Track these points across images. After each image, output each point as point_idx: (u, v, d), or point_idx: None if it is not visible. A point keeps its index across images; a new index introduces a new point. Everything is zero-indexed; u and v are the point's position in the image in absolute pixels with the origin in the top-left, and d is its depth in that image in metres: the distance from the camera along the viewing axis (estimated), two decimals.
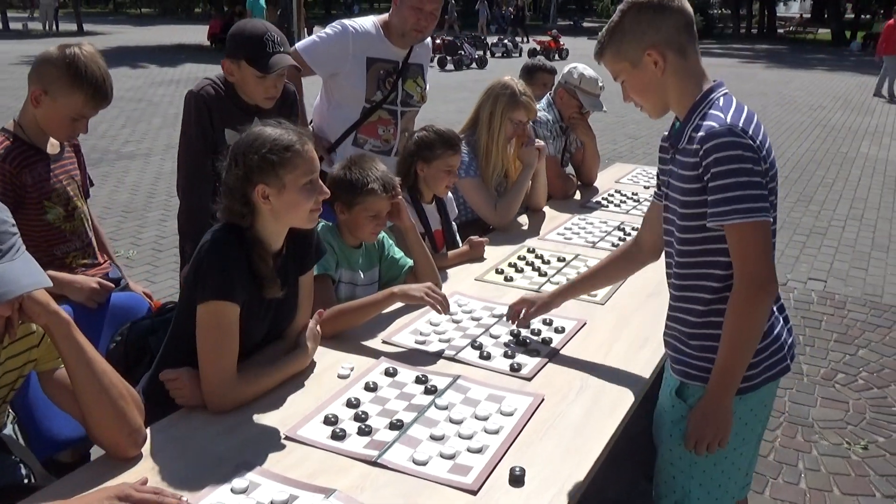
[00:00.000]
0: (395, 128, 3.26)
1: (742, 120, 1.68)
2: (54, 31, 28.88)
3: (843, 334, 4.53)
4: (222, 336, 1.84)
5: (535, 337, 2.30)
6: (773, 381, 1.86)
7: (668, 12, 1.76)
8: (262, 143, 1.84)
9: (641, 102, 1.87)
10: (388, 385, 1.99)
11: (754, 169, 1.64)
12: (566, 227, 3.41)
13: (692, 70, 1.79)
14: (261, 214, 1.90)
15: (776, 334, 1.83)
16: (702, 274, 1.81)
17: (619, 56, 1.81)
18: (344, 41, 3.11)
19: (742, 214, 1.64)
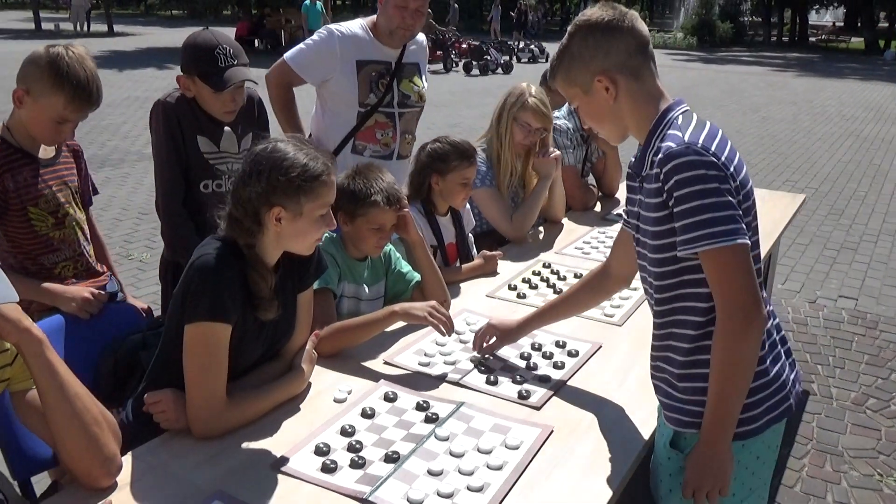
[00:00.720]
0: (394, 131, 3.14)
1: (702, 136, 1.54)
2: (85, 32, 29.20)
3: (874, 356, 4.33)
4: (211, 358, 1.72)
5: (546, 361, 2.16)
6: (777, 422, 1.68)
7: (619, 34, 1.63)
8: (291, 166, 1.75)
9: (598, 129, 1.77)
10: (386, 411, 1.87)
11: (721, 188, 1.49)
12: (584, 240, 3.26)
13: (648, 92, 1.66)
14: (265, 234, 1.80)
15: (776, 372, 1.66)
16: (683, 308, 1.63)
17: (569, 82, 1.70)
18: (331, 46, 3.00)
19: (714, 239, 1.48)
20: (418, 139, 8.11)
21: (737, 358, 1.53)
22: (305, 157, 1.78)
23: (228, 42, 2.47)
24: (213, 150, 2.59)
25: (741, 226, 1.50)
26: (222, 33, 2.51)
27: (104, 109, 11.98)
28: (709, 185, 1.49)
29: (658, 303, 1.69)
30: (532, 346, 2.24)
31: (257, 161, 1.77)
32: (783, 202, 3.94)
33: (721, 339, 1.54)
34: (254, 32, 23.50)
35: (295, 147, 1.80)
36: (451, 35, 20.83)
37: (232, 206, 1.80)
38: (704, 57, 26.43)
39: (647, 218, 1.64)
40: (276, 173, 1.74)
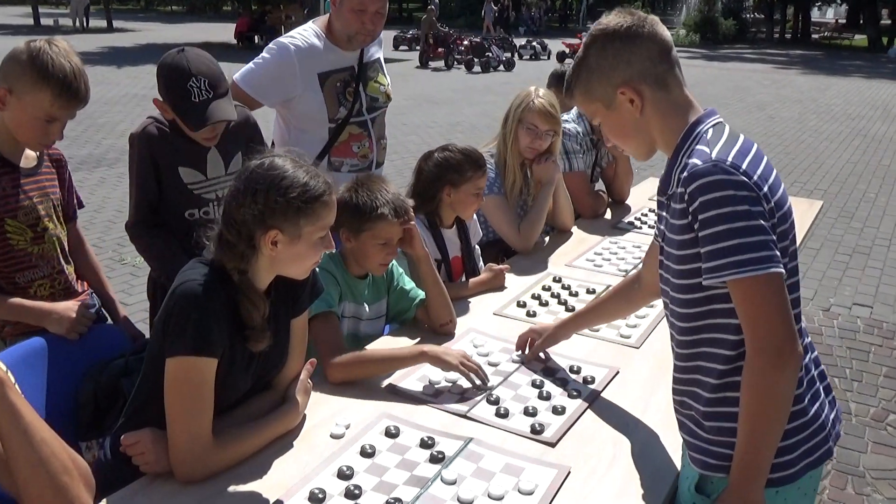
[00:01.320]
0: (369, 140, 2.93)
1: (733, 153, 1.39)
2: (85, 28, 29.01)
3: (893, 368, 4.17)
4: (194, 395, 1.57)
5: (560, 388, 2.01)
6: (815, 467, 1.51)
7: (639, 41, 1.50)
8: (290, 186, 1.60)
9: (623, 146, 1.62)
10: (387, 449, 1.71)
11: (752, 211, 1.34)
12: (596, 251, 3.11)
13: (675, 102, 1.53)
14: (258, 257, 1.65)
15: (815, 411, 1.49)
16: (710, 340, 1.48)
17: (589, 97, 1.57)
18: (287, 62, 2.73)
19: (743, 268, 1.34)
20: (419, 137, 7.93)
21: (769, 399, 1.38)
22: (305, 176, 1.63)
23: (205, 71, 2.17)
24: (198, 180, 2.37)
25: (774, 253, 1.35)
26: (198, 57, 2.20)
27: (101, 107, 11.86)
28: (738, 208, 1.35)
29: (682, 332, 1.53)
30: (545, 371, 2.09)
31: (253, 179, 1.62)
32: (800, 209, 3.77)
33: (751, 378, 1.39)
34: (254, 28, 23.30)
35: (294, 164, 1.64)
36: (433, 33, 20.55)
37: (224, 228, 1.64)
38: (707, 54, 26.22)
39: (671, 240, 1.49)
40: (274, 193, 1.59)
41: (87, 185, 7.34)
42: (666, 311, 1.61)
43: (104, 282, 2.40)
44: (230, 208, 1.63)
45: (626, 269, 2.89)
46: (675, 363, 1.58)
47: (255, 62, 2.79)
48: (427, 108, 12.56)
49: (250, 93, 2.74)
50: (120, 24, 30.89)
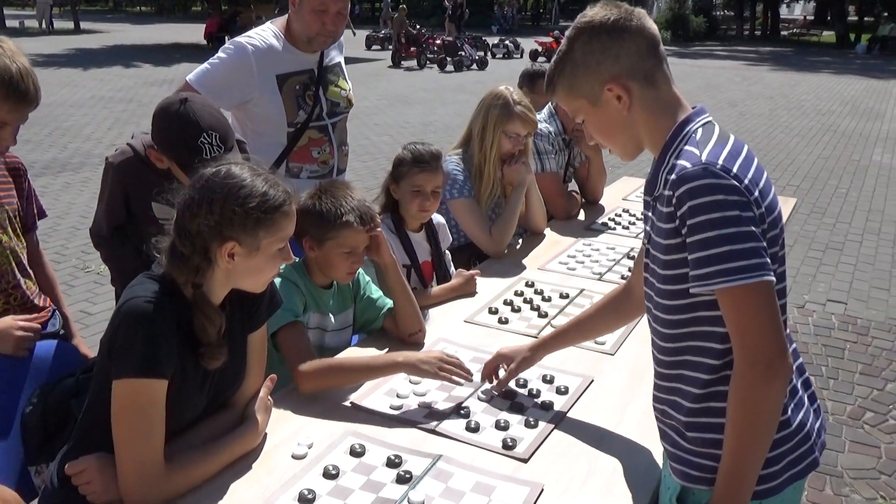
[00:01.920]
0: (330, 145, 2.82)
1: (723, 155, 1.34)
2: (51, 29, 28.53)
3: (868, 365, 4.16)
4: (143, 418, 1.47)
5: (533, 400, 1.94)
6: (800, 478, 1.46)
7: (627, 35, 1.44)
8: (248, 196, 1.52)
9: (608, 145, 1.55)
10: (352, 469, 1.63)
11: (742, 216, 1.29)
12: (569, 254, 3.04)
13: (664, 100, 1.47)
14: (213, 270, 1.56)
15: (800, 421, 1.44)
16: (695, 348, 1.42)
17: (574, 93, 1.49)
18: (244, 63, 2.63)
19: (732, 276, 1.28)
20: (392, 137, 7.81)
21: (757, 411, 1.32)
22: (265, 185, 1.55)
23: (215, 125, 2.03)
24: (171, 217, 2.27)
25: (765, 260, 1.29)
26: (206, 109, 2.05)
27: (66, 110, 11.63)
28: (728, 213, 1.29)
29: (665, 339, 1.47)
30: (517, 382, 2.01)
31: (209, 188, 1.53)
32: None
33: (739, 390, 1.33)
34: (224, 29, 23.01)
35: (252, 172, 1.56)
36: (405, 32, 20.41)
37: (177, 239, 1.54)
38: (679, 51, 26.37)
39: (657, 244, 1.43)
40: (232, 203, 1.51)
41: (51, 191, 7.17)
42: (648, 317, 1.54)
43: (59, 298, 2.29)
44: (184, 218, 1.54)
45: (599, 272, 2.83)
46: (657, 370, 1.52)
47: (210, 62, 2.68)
48: (400, 108, 12.46)
49: (205, 94, 2.60)
50: (87, 26, 30.45)
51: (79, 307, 4.59)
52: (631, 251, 3.06)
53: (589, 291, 2.64)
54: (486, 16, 35.42)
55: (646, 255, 1.51)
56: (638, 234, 3.31)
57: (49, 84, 14.42)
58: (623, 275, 2.81)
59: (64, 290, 4.82)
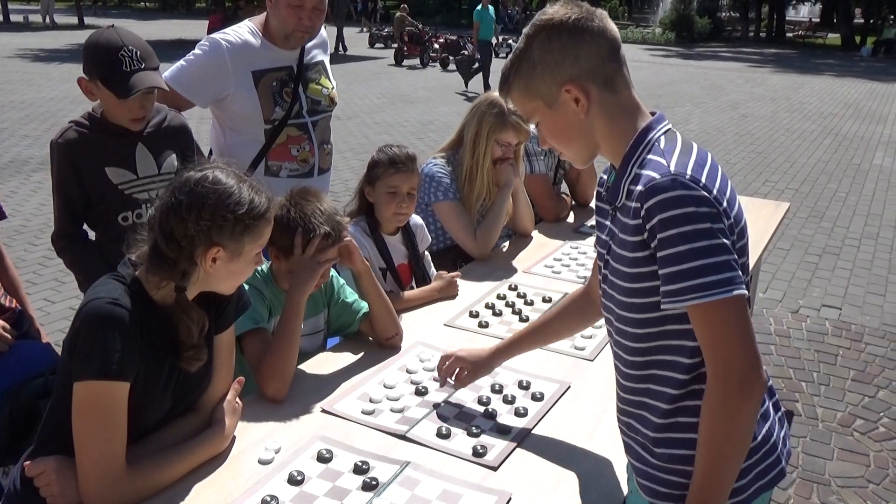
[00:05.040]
0: (310, 143, 2.78)
1: (690, 165, 1.29)
2: (54, 24, 28.57)
3: (861, 372, 4.13)
4: (104, 421, 1.45)
5: (507, 406, 1.91)
6: (767, 489, 1.43)
7: (588, 36, 1.38)
8: (237, 203, 1.53)
9: (562, 149, 1.49)
10: (318, 475, 1.60)
11: (713, 228, 1.25)
12: (555, 257, 3.01)
13: (623, 105, 1.42)
14: (195, 275, 1.56)
15: (766, 431, 1.41)
16: (662, 362, 1.38)
17: (530, 93, 1.43)
18: (219, 59, 2.61)
19: (705, 291, 1.24)
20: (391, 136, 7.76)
21: (731, 427, 1.28)
22: (251, 192, 1.57)
23: (136, 43, 2.14)
24: (129, 179, 2.26)
25: (737, 273, 1.25)
26: (129, 33, 2.19)
27: (67, 105, 11.63)
28: (699, 226, 1.24)
29: (631, 353, 1.43)
30: (492, 387, 1.99)
31: (199, 194, 1.52)
32: (767, 211, 3.72)
33: (713, 405, 1.28)
34: (226, 25, 22.93)
35: (237, 179, 1.57)
36: (406, 30, 20.32)
37: (163, 243, 1.53)
38: (682, 52, 26.32)
39: (620, 256, 1.38)
40: (223, 210, 1.51)
41: (46, 187, 7.13)
42: (609, 328, 1.50)
43: (24, 299, 2.27)
44: (170, 222, 1.52)
45: (585, 276, 2.81)
46: (621, 383, 1.48)
47: (185, 59, 2.66)
48: (400, 107, 12.43)
49: (181, 91, 2.61)
50: (91, 21, 30.41)
51: (70, 304, 4.58)
52: None
53: None
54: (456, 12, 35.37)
55: (605, 265, 1.46)
56: None
57: (50, 79, 14.45)
58: None
59: (54, 286, 4.86)
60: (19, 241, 5.71)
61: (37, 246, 5.63)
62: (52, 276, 5.03)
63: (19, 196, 6.88)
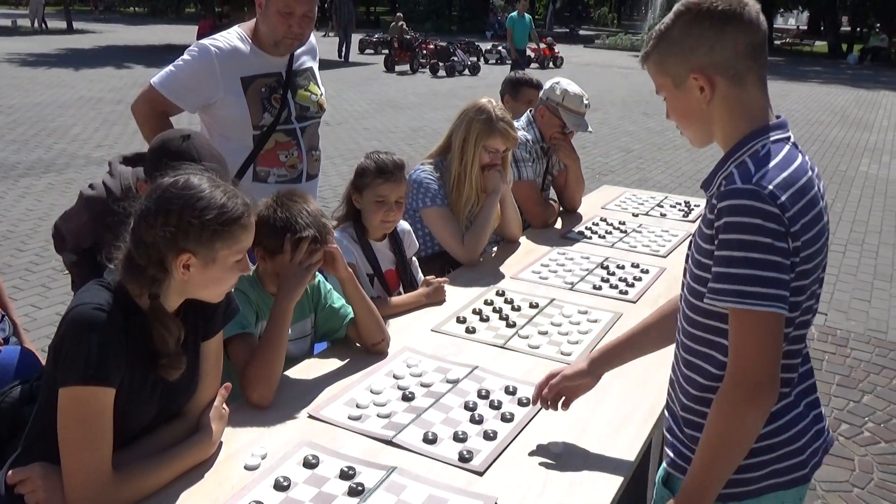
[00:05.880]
0: (298, 149, 2.79)
1: (777, 181, 1.34)
2: (43, 29, 28.44)
3: (846, 377, 4.16)
4: (89, 428, 1.45)
5: (494, 411, 1.92)
6: (784, 489, 1.47)
7: (732, 27, 1.40)
8: (206, 207, 1.50)
9: (681, 128, 1.56)
10: (304, 481, 1.61)
11: (774, 245, 1.30)
12: (543, 263, 3.03)
13: (747, 103, 1.44)
14: (169, 282, 1.55)
15: (793, 435, 1.46)
16: (702, 353, 1.47)
17: (662, 70, 1.49)
18: (207, 65, 2.61)
19: (744, 299, 1.31)
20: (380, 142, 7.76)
21: (734, 430, 1.36)
22: (223, 196, 1.54)
23: (213, 159, 2.03)
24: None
25: (782, 293, 1.31)
26: (205, 143, 2.08)
27: (55, 110, 11.58)
28: (761, 239, 1.30)
29: (684, 334, 1.53)
30: (479, 393, 2.00)
31: (166, 199, 1.51)
32: None
33: (723, 405, 1.37)
34: (216, 30, 22.92)
35: (210, 183, 1.55)
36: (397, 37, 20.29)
37: (133, 250, 1.53)
38: None
39: (697, 242, 1.46)
40: (189, 214, 1.50)
41: (34, 192, 7.14)
42: (680, 305, 1.56)
43: (7, 304, 2.27)
44: (140, 229, 1.52)
45: (572, 282, 2.82)
46: (676, 352, 1.57)
47: (174, 65, 2.66)
48: (390, 113, 12.44)
49: (169, 97, 2.62)
50: (80, 26, 30.34)
51: (56, 310, 4.56)
52: (605, 261, 3.05)
53: (559, 301, 2.63)
54: (480, 21, 35.49)
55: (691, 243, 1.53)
56: (614, 243, 3.30)
57: (38, 84, 14.38)
58: (595, 284, 2.80)
59: (40, 292, 4.84)
60: (6, 247, 5.68)
61: (23, 252, 5.61)
62: (39, 283, 5.01)
63: (6, 202, 6.84)
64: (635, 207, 3.90)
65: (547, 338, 2.35)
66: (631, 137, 11.25)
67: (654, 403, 1.98)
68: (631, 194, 4.19)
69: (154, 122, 2.69)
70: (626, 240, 3.35)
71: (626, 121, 12.85)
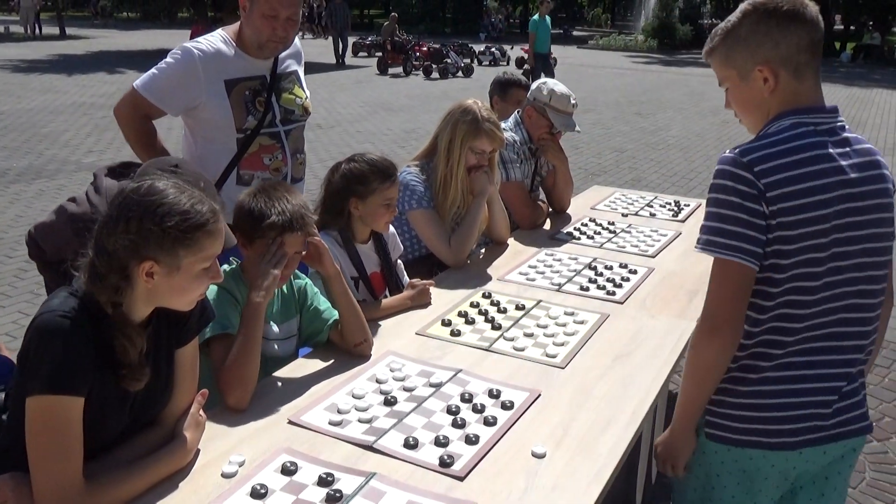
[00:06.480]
0: (283, 153, 2.77)
1: (762, 153, 1.54)
2: (36, 35, 28.37)
3: None
4: (58, 436, 1.43)
5: (476, 415, 1.90)
6: (769, 450, 1.62)
7: (795, 25, 1.58)
8: (167, 213, 1.46)
9: (741, 116, 1.73)
10: (281, 488, 1.58)
11: (744, 205, 1.52)
12: (530, 264, 3.01)
13: (800, 93, 1.61)
14: (133, 289, 1.51)
15: (784, 403, 1.60)
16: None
17: (728, 63, 1.66)
18: (190, 68, 2.59)
19: (710, 247, 1.56)
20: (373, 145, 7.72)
21: (696, 360, 1.62)
22: (188, 202, 1.50)
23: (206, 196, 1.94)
24: None
25: (745, 246, 1.51)
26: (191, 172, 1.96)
27: (46, 116, 11.53)
28: (730, 198, 1.53)
29: None
30: (462, 396, 1.98)
31: (126, 205, 1.48)
32: None
33: (693, 336, 1.64)
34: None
35: (176, 188, 1.51)
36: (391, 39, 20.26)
37: (95, 257, 1.50)
38: (664, 59, 26.48)
39: None
40: (149, 221, 1.46)
41: (24, 198, 7.09)
42: None
43: None
44: (101, 236, 1.49)
45: (559, 283, 2.80)
46: None
47: (157, 67, 2.63)
48: (383, 116, 12.41)
49: (152, 100, 2.60)
50: (73, 32, 30.24)
51: None
52: (593, 261, 3.03)
53: (546, 303, 2.61)
54: (474, 23, 35.48)
55: None
56: (603, 244, 3.28)
57: (30, 90, 14.33)
58: (583, 286, 2.78)
59: (29, 298, 4.80)
60: None
61: (12, 258, 5.57)
62: (28, 289, 4.98)
63: None
64: (625, 207, 3.88)
65: (532, 340, 2.33)
66: (624, 137, 11.23)
67: (637, 406, 1.96)
68: (621, 194, 4.17)
69: (137, 125, 2.67)
70: (614, 240, 3.33)
71: (620, 121, 12.83)
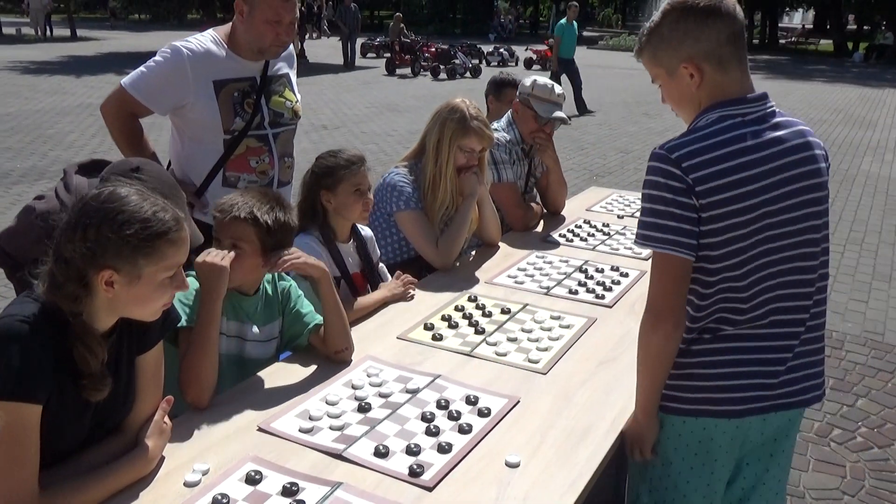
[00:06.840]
0: (270, 155, 2.73)
1: (690, 149, 1.59)
2: (47, 37, 28.54)
3: (840, 380, 4.07)
4: (13, 444, 1.39)
5: (451, 422, 1.85)
6: (717, 417, 1.72)
7: (713, 20, 1.63)
8: (126, 221, 1.43)
9: (677, 112, 1.79)
10: (243, 498, 1.54)
11: (675, 199, 1.58)
12: (520, 267, 2.95)
13: (730, 85, 1.67)
14: (94, 298, 1.47)
15: (721, 373, 1.71)
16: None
17: (655, 62, 1.73)
18: (179, 67, 2.56)
19: (647, 241, 1.63)
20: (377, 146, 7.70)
21: (643, 348, 1.71)
22: (150, 209, 1.46)
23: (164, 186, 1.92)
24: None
25: (681, 239, 1.58)
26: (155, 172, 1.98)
27: (52, 118, 11.57)
28: (661, 193, 1.59)
29: None
30: (438, 403, 1.93)
31: (85, 212, 1.45)
32: None
33: (639, 329, 1.71)
34: None
35: (139, 195, 1.47)
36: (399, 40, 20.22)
37: (54, 265, 1.46)
38: None
39: None
40: (107, 229, 1.42)
41: (25, 199, 7.04)
42: None
43: None
44: (59, 243, 1.45)
45: (547, 286, 2.75)
46: None
47: (145, 66, 2.61)
48: (388, 116, 12.39)
49: (140, 99, 2.57)
50: (84, 33, 30.39)
51: None
52: (584, 264, 2.97)
53: (532, 306, 2.55)
54: (484, 24, 35.44)
55: None
56: (595, 246, 3.23)
57: (38, 91, 14.39)
58: (572, 289, 2.72)
59: None
60: None
61: None
62: None
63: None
64: (621, 209, 3.82)
65: (515, 344, 2.28)
66: (631, 138, 11.15)
67: (618, 415, 1.90)
68: (618, 195, 4.11)
69: (123, 123, 2.65)
70: (608, 242, 3.27)
71: (627, 122, 12.76)
